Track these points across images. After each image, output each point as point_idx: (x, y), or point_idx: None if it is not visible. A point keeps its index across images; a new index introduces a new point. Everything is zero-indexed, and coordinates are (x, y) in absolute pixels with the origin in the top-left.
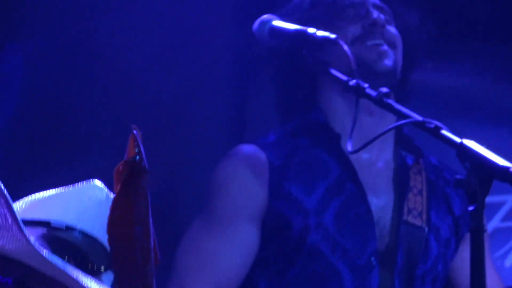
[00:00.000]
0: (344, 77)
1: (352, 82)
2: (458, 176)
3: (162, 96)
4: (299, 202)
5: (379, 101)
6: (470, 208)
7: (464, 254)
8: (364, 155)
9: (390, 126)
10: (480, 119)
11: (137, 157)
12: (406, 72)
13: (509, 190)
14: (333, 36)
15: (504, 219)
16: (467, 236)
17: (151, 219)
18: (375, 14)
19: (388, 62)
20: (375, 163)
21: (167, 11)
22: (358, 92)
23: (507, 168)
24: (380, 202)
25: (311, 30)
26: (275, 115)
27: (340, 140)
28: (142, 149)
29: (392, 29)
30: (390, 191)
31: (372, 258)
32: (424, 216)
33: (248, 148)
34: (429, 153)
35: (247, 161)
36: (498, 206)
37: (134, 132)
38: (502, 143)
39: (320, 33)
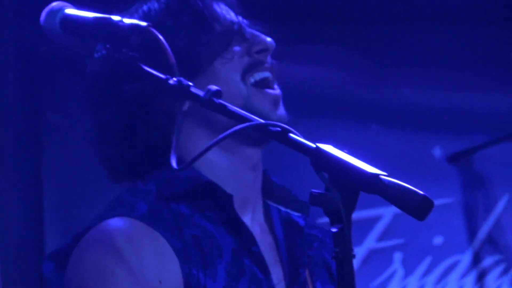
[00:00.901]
0: (162, 76)
1: (173, 80)
2: (314, 191)
3: None
4: None
5: (208, 102)
6: (333, 230)
7: None
8: (245, 218)
9: (222, 135)
10: (344, 117)
11: None
12: None
13: (385, 202)
14: (143, 23)
15: (381, 238)
16: None
17: None
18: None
19: (282, 110)
20: (253, 229)
21: None
22: (182, 92)
23: (376, 176)
24: (274, 279)
25: (116, 17)
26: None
27: (233, 203)
28: None
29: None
30: (277, 262)
31: None
32: (310, 287)
33: (134, 228)
34: None
35: (147, 246)
36: (371, 222)
37: None
38: (371, 143)
39: (128, 20)
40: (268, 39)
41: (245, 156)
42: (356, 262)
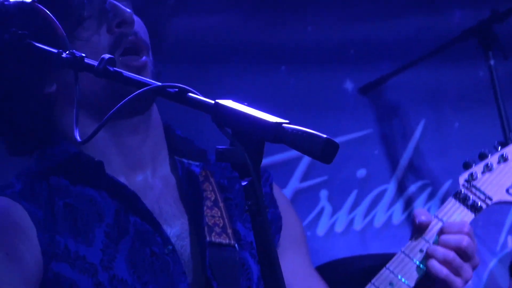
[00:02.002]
0: (54, 50)
1: (65, 53)
2: (219, 147)
3: None
4: (82, 258)
5: (103, 71)
6: (243, 183)
7: (289, 260)
8: (137, 177)
9: (124, 100)
10: (253, 62)
11: None
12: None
13: None
14: (28, 0)
15: (305, 178)
16: (284, 235)
17: None
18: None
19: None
20: (152, 186)
21: None
22: (76, 64)
23: (278, 125)
24: (175, 230)
25: None
26: None
27: (104, 168)
28: None
29: (136, 18)
30: (182, 213)
31: None
32: (229, 231)
33: None
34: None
35: (4, 221)
36: (293, 163)
37: None
38: (282, 85)
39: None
40: (128, 10)
41: (121, 124)
42: None
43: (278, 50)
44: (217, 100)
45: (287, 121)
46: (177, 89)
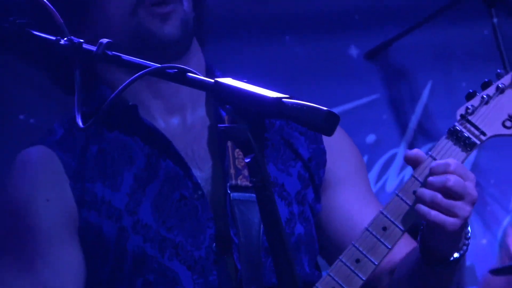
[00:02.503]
0: (52, 37)
1: (64, 40)
2: (221, 126)
3: None
4: (107, 203)
5: (102, 56)
6: (247, 160)
7: (329, 202)
8: (174, 120)
9: (124, 83)
10: (257, 34)
11: None
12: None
13: None
14: None
15: None
16: (329, 178)
17: None
18: None
19: (172, 28)
20: (190, 128)
21: None
22: (74, 50)
23: (279, 100)
24: (205, 174)
25: None
26: None
27: (138, 112)
28: None
29: None
30: (213, 155)
31: (214, 245)
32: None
33: (35, 152)
34: None
35: (39, 170)
36: None
37: None
38: (288, 55)
39: None
40: None
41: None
42: None
43: (281, 19)
44: (216, 79)
45: (287, 95)
46: (176, 70)
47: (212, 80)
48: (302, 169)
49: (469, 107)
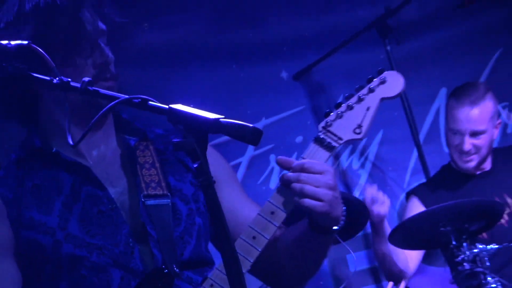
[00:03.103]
0: (47, 78)
1: (56, 80)
2: (175, 140)
3: None
4: (43, 224)
5: (85, 91)
6: (194, 165)
7: (226, 192)
8: (93, 152)
9: (101, 111)
10: (211, 63)
11: None
12: None
13: (251, 121)
14: (25, 42)
15: (257, 147)
16: (217, 175)
17: None
18: (106, 50)
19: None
20: (104, 156)
21: None
22: (63, 87)
23: (217, 120)
24: (119, 189)
25: (3, 41)
26: None
27: (60, 156)
28: None
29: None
30: (124, 175)
31: (130, 240)
32: (163, 184)
33: None
34: (156, 126)
35: None
36: None
37: None
38: (235, 79)
39: (14, 42)
40: (110, 55)
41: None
42: (242, 169)
43: (229, 51)
44: (170, 106)
45: (223, 116)
46: (139, 100)
47: (167, 106)
48: (192, 177)
49: (328, 121)
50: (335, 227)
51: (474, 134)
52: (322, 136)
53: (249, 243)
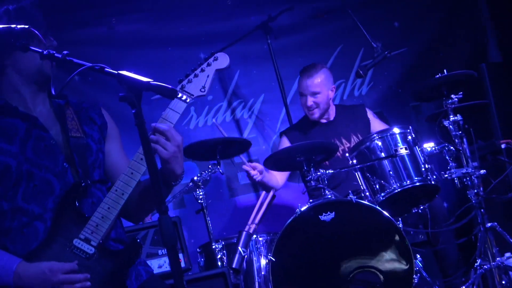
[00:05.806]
0: (40, 50)
1: (45, 51)
2: (120, 94)
3: None
4: (9, 151)
5: (63, 60)
6: (132, 111)
7: (108, 146)
8: (37, 108)
9: (75, 72)
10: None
11: None
12: None
13: None
14: (26, 26)
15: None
16: (108, 134)
17: None
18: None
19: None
20: (44, 111)
21: None
22: (50, 57)
23: (148, 82)
24: (55, 132)
25: (13, 25)
26: None
27: (18, 110)
28: None
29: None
30: (58, 123)
31: (65, 164)
32: (81, 130)
33: None
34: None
35: None
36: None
37: None
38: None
39: (19, 26)
40: (55, 42)
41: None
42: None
43: (168, 39)
44: (118, 71)
45: (152, 79)
46: (99, 67)
47: (116, 72)
48: (97, 129)
49: (183, 84)
50: (173, 183)
51: (313, 94)
52: (180, 93)
53: (129, 176)
